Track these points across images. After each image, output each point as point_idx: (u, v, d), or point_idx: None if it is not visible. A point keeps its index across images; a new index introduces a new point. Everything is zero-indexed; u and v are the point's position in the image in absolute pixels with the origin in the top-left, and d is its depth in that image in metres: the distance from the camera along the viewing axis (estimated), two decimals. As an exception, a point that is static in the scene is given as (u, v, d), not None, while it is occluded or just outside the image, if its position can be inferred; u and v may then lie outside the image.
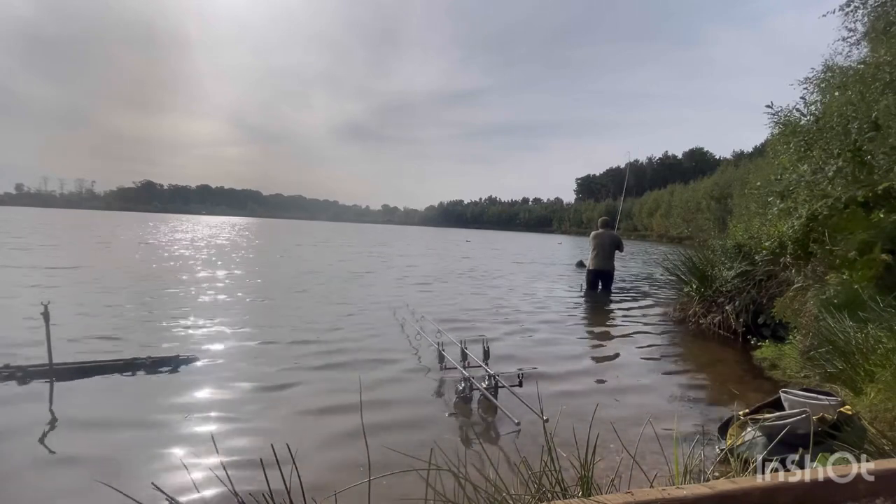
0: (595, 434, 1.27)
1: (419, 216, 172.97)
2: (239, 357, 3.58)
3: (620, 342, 4.65)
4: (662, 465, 1.70)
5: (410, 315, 5.21)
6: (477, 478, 1.26)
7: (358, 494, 1.25)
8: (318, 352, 3.82)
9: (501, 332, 4.80)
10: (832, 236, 3.80)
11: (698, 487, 0.97)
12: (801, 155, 4.82)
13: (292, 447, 1.12)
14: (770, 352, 3.86)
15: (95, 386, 2.91)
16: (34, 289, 5.93)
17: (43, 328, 2.96)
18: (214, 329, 4.42)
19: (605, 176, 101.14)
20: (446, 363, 3.25)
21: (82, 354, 3.34)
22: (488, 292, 7.64)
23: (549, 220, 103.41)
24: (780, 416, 1.92)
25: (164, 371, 3.18)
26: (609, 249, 7.60)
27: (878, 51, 4.71)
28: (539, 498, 1.21)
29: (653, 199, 57.18)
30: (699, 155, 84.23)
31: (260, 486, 1.10)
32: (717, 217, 34.39)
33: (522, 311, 6.06)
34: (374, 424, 2.48)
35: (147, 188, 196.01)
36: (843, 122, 4.26)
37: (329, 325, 4.75)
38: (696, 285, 5.41)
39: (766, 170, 7.85)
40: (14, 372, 2.95)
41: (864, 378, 2.44)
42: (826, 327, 2.95)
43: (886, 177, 3.75)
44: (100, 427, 2.39)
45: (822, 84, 5.30)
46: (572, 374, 3.51)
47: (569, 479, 1.30)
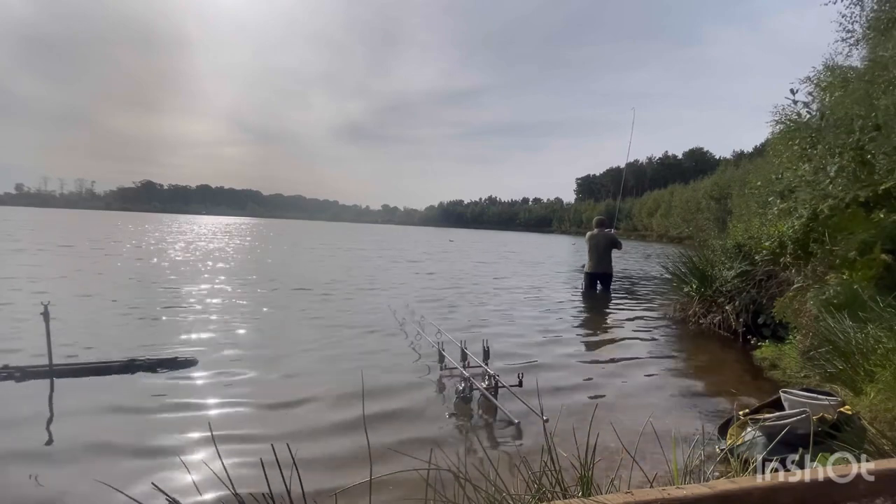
0: (595, 434, 1.27)
1: (419, 216, 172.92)
2: (238, 358, 3.58)
3: (620, 342, 4.65)
4: (662, 465, 1.70)
5: (410, 315, 5.21)
6: (477, 478, 1.26)
7: (358, 494, 1.25)
8: (319, 353, 3.82)
9: (502, 332, 4.80)
10: (832, 236, 3.80)
11: (698, 487, 0.97)
12: (803, 153, 4.82)
13: (292, 448, 1.12)
14: (770, 352, 3.86)
15: (95, 386, 2.91)
16: (34, 289, 5.93)
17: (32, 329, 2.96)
18: (214, 330, 4.41)
19: (605, 176, 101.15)
20: (446, 363, 3.26)
21: (82, 355, 3.34)
22: (493, 292, 7.65)
23: (548, 220, 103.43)
24: (780, 416, 1.92)
25: (163, 372, 3.18)
26: (605, 250, 7.53)
27: (877, 50, 4.71)
28: (539, 498, 1.20)
29: (653, 199, 57.18)
30: (699, 155, 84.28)
31: (260, 487, 1.10)
32: (717, 217, 34.37)
33: (523, 311, 6.06)
34: (375, 424, 2.48)
35: (147, 188, 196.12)
36: (847, 120, 4.25)
37: (329, 327, 4.75)
38: (696, 285, 5.41)
39: (766, 170, 7.84)
40: (13, 372, 2.95)
41: (864, 378, 2.44)
42: (826, 327, 2.95)
43: (887, 177, 3.75)
44: (99, 427, 2.39)
45: (824, 84, 5.30)
46: (572, 374, 3.51)
47: (569, 479, 1.29)
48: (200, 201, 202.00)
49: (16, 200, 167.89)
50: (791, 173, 4.97)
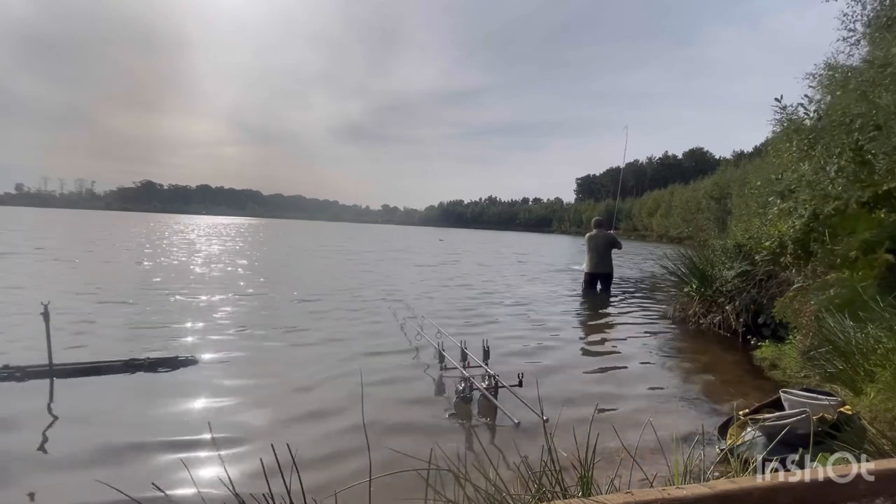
0: (595, 434, 1.27)
1: (419, 216, 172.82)
2: (238, 358, 3.58)
3: (620, 342, 4.65)
4: (662, 465, 1.70)
5: (411, 315, 5.21)
6: (477, 478, 1.26)
7: (358, 494, 1.25)
8: (319, 353, 3.82)
9: (502, 331, 4.80)
10: (833, 236, 3.80)
11: (698, 487, 0.97)
12: (804, 154, 4.81)
13: (293, 447, 1.12)
14: (770, 352, 3.86)
15: (95, 386, 2.91)
16: (34, 290, 5.93)
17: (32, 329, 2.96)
18: (215, 330, 4.42)
19: (605, 176, 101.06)
20: (446, 363, 3.26)
21: (82, 355, 3.34)
22: (493, 292, 7.65)
23: (549, 221, 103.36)
24: (780, 416, 1.92)
25: (163, 371, 3.18)
26: (605, 250, 7.54)
27: (878, 50, 4.70)
28: (539, 498, 1.20)
29: (653, 200, 57.12)
30: (699, 155, 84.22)
31: (260, 486, 1.10)
32: (717, 217, 34.36)
33: (522, 310, 6.06)
34: (375, 424, 2.48)
35: (147, 188, 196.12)
36: (846, 119, 4.24)
37: (330, 327, 4.75)
38: (696, 285, 5.41)
39: (766, 170, 7.84)
40: (13, 372, 2.95)
41: (864, 378, 2.44)
42: (826, 327, 2.95)
43: (887, 177, 3.75)
44: (100, 427, 2.40)
45: (826, 82, 5.29)
46: (572, 375, 3.51)
47: (569, 479, 1.29)
48: (200, 201, 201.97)
49: (16, 200, 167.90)
50: (791, 173, 4.97)
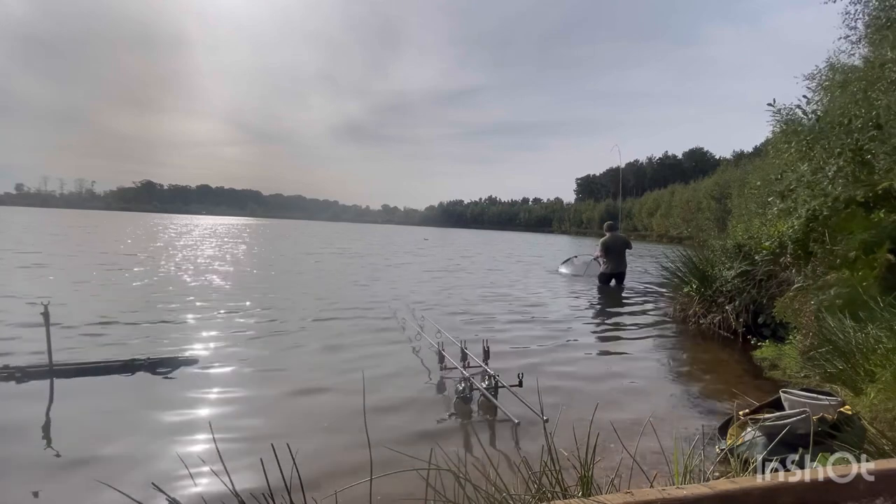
0: (595, 434, 1.27)
1: (419, 216, 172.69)
2: (239, 359, 3.58)
3: (620, 342, 4.65)
4: (662, 465, 1.70)
5: (411, 315, 5.21)
6: (477, 478, 1.26)
7: (358, 494, 1.25)
8: (319, 354, 3.82)
9: (502, 331, 4.80)
10: (832, 236, 3.80)
11: (698, 487, 0.97)
12: (802, 154, 4.81)
13: (292, 447, 1.12)
14: (770, 352, 3.86)
15: (95, 386, 2.91)
16: (36, 287, 5.93)
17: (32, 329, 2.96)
18: (215, 330, 4.42)
19: (605, 176, 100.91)
20: (446, 363, 3.26)
21: (82, 355, 3.34)
22: (492, 292, 7.65)
23: (549, 221, 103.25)
24: (780, 416, 1.92)
25: (163, 372, 3.18)
26: (622, 250, 8.55)
27: (879, 49, 4.70)
28: (539, 498, 1.21)
29: (653, 200, 57.08)
30: (699, 155, 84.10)
31: (260, 486, 1.10)
32: (717, 217, 34.37)
33: (522, 310, 6.06)
34: (375, 424, 2.47)
35: (147, 188, 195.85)
36: (845, 120, 4.25)
37: (330, 328, 4.75)
38: (696, 285, 5.41)
39: (766, 170, 7.85)
40: (14, 372, 2.95)
41: (864, 378, 2.44)
42: (826, 327, 2.95)
43: (887, 177, 3.75)
44: (100, 427, 2.40)
45: (826, 82, 5.30)
46: (572, 374, 3.51)
47: (569, 479, 1.29)
48: (200, 201, 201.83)
49: (16, 200, 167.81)
50: (791, 173, 4.97)
